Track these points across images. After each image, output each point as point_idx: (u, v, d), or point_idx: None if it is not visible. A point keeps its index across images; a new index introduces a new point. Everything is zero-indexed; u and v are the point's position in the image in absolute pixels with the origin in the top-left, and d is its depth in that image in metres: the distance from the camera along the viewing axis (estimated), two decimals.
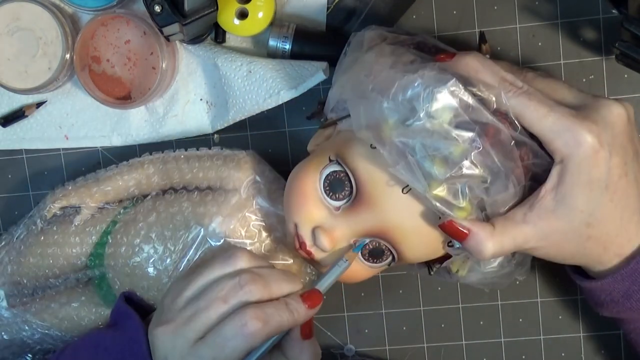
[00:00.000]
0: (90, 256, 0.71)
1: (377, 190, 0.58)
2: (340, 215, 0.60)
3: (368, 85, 0.57)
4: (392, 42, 0.62)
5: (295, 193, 0.61)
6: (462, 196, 0.55)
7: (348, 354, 0.78)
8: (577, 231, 0.56)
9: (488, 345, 0.76)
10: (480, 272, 0.62)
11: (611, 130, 0.55)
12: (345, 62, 0.63)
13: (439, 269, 0.64)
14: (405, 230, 0.58)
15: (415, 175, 0.54)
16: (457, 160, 0.54)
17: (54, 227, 0.72)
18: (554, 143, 0.55)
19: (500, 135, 0.54)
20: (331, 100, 0.64)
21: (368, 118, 0.56)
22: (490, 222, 0.56)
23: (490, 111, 0.54)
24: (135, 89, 0.72)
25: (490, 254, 0.56)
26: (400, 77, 0.55)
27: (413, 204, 0.57)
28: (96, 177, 0.73)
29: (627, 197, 0.56)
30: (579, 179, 0.54)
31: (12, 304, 0.73)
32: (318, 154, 0.62)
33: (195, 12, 0.63)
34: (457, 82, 0.54)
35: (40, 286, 0.73)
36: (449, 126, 0.54)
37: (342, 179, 0.60)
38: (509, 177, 0.55)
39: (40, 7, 0.71)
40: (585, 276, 0.62)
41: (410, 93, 0.55)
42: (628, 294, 0.59)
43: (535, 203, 0.56)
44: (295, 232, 0.62)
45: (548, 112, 0.55)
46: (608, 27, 0.70)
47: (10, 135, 0.77)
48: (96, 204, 0.72)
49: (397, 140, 0.54)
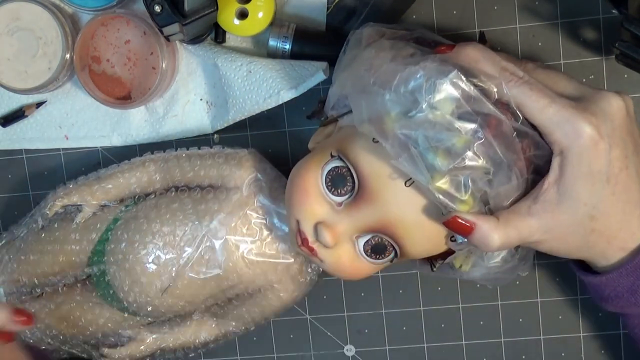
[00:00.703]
0: (90, 253, 0.72)
1: (379, 184, 0.58)
2: (342, 211, 0.60)
3: (369, 79, 0.57)
4: (391, 38, 0.62)
5: (297, 190, 0.61)
6: (465, 189, 0.55)
7: (348, 354, 0.78)
8: (581, 224, 0.56)
9: (488, 345, 0.76)
10: (484, 267, 0.62)
11: (611, 122, 0.55)
12: (344, 60, 0.63)
13: (441, 265, 0.64)
14: (408, 225, 0.58)
15: (418, 167, 0.54)
16: (459, 151, 0.54)
17: (55, 225, 0.72)
18: (554, 134, 0.55)
19: (502, 126, 0.54)
20: (331, 98, 0.64)
21: (370, 112, 0.56)
22: (494, 215, 0.56)
23: (492, 102, 0.54)
24: (135, 89, 0.72)
25: (497, 246, 0.56)
26: (402, 69, 0.55)
27: (416, 197, 0.57)
28: (97, 175, 0.73)
29: (629, 191, 0.56)
30: (580, 170, 0.54)
31: (12, 302, 0.73)
32: (319, 151, 0.62)
33: (195, 12, 0.63)
34: (458, 73, 0.54)
35: (39, 284, 0.73)
36: (452, 117, 0.54)
37: (344, 174, 0.59)
38: (512, 168, 0.55)
39: (40, 7, 0.71)
40: (589, 271, 0.62)
41: (412, 85, 0.55)
42: (633, 289, 0.59)
43: (539, 196, 0.56)
44: (297, 228, 0.62)
45: (549, 103, 0.55)
46: (608, 27, 0.71)
47: (10, 135, 0.77)
48: (98, 202, 0.72)
49: (400, 132, 0.54)
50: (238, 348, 0.78)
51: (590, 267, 0.62)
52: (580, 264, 0.63)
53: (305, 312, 0.77)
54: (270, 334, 0.78)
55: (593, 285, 0.62)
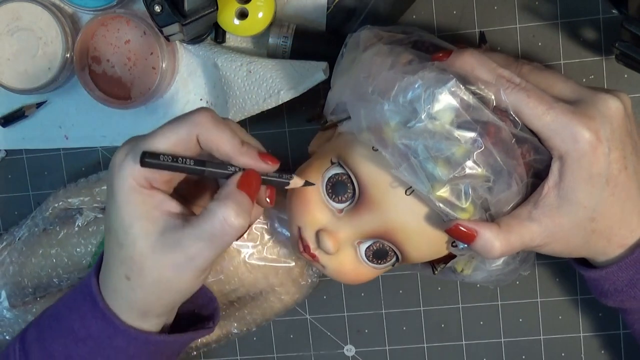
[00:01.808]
0: (94, 255, 0.72)
1: (379, 192, 0.58)
2: (343, 218, 0.60)
3: (367, 87, 0.57)
4: (388, 41, 0.62)
5: (298, 196, 0.61)
6: (465, 197, 0.55)
7: (348, 354, 0.78)
8: (581, 226, 0.56)
9: (488, 345, 0.76)
10: (486, 271, 0.62)
11: (609, 125, 0.55)
12: (342, 63, 0.63)
13: (443, 269, 0.64)
14: (409, 231, 0.58)
15: (419, 177, 0.54)
16: (459, 160, 0.54)
17: (57, 228, 0.72)
18: (553, 140, 0.55)
19: (501, 133, 0.54)
20: (330, 103, 0.64)
21: (369, 120, 0.56)
22: (496, 222, 0.56)
23: (490, 109, 0.54)
24: (135, 89, 0.72)
25: (499, 254, 0.56)
26: (400, 78, 0.55)
27: (416, 205, 0.57)
28: (98, 177, 0.73)
29: (628, 190, 0.56)
30: (580, 175, 0.54)
31: (14, 304, 0.73)
32: (320, 157, 0.62)
33: (195, 12, 0.63)
34: (457, 82, 0.54)
35: (42, 286, 0.73)
36: (451, 127, 0.54)
37: (345, 181, 0.60)
38: (512, 175, 0.55)
39: (40, 7, 0.71)
40: (589, 266, 0.62)
41: (411, 95, 0.54)
42: (632, 283, 0.59)
43: (539, 200, 0.56)
44: (298, 235, 0.62)
45: (547, 109, 0.54)
46: (608, 27, 0.71)
47: (10, 135, 0.77)
48: (98, 204, 0.72)
49: (399, 142, 0.54)
50: (238, 348, 0.78)
51: (590, 263, 0.62)
52: (580, 260, 0.63)
53: (305, 312, 0.77)
54: (270, 334, 0.78)
55: (593, 280, 0.62)
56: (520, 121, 0.55)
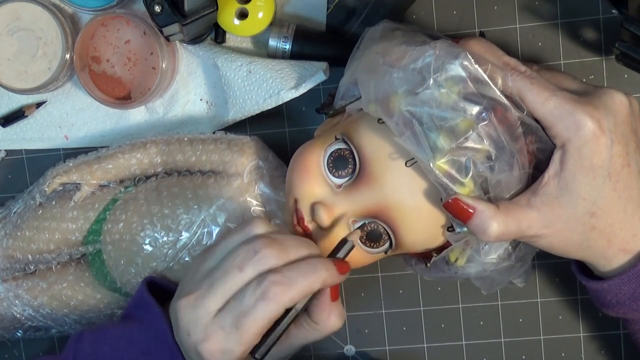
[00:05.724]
0: (86, 232, 0.71)
1: (380, 165, 0.58)
2: (341, 193, 0.60)
3: (379, 60, 0.58)
4: (404, 34, 0.62)
5: (298, 169, 0.62)
6: (466, 171, 0.55)
7: (348, 354, 0.78)
8: (580, 220, 0.56)
9: (488, 345, 0.76)
10: (480, 263, 0.61)
11: (613, 117, 0.55)
12: (357, 53, 0.63)
13: (436, 260, 0.64)
14: (405, 209, 0.58)
15: (421, 145, 0.54)
16: (463, 131, 0.54)
17: (53, 202, 0.72)
18: (555, 127, 0.55)
19: (507, 113, 0.55)
20: (342, 88, 0.64)
21: (377, 91, 0.57)
22: (495, 204, 0.56)
23: (499, 89, 0.55)
24: (135, 89, 0.72)
25: (495, 235, 0.55)
26: (413, 48, 0.56)
27: (415, 180, 0.57)
28: (98, 155, 0.72)
29: (631, 189, 0.56)
30: (581, 164, 0.54)
31: (4, 278, 0.73)
32: (324, 135, 0.63)
33: (195, 12, 0.63)
34: (468, 55, 0.54)
35: (33, 261, 0.72)
36: (458, 97, 0.54)
37: (347, 156, 0.60)
38: (514, 156, 0.55)
39: (40, 7, 0.71)
40: (591, 276, 0.62)
41: (421, 63, 0.55)
42: (635, 296, 0.58)
43: (539, 189, 0.56)
44: (294, 208, 0.62)
45: (550, 96, 0.55)
46: (608, 27, 0.71)
47: (10, 135, 0.77)
48: (97, 181, 0.71)
49: (405, 109, 0.55)
50: None
51: (592, 272, 0.62)
52: (582, 268, 0.62)
53: None
54: None
55: (594, 291, 0.61)
56: (524, 107, 0.55)
